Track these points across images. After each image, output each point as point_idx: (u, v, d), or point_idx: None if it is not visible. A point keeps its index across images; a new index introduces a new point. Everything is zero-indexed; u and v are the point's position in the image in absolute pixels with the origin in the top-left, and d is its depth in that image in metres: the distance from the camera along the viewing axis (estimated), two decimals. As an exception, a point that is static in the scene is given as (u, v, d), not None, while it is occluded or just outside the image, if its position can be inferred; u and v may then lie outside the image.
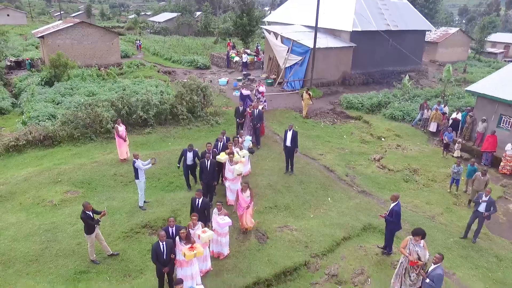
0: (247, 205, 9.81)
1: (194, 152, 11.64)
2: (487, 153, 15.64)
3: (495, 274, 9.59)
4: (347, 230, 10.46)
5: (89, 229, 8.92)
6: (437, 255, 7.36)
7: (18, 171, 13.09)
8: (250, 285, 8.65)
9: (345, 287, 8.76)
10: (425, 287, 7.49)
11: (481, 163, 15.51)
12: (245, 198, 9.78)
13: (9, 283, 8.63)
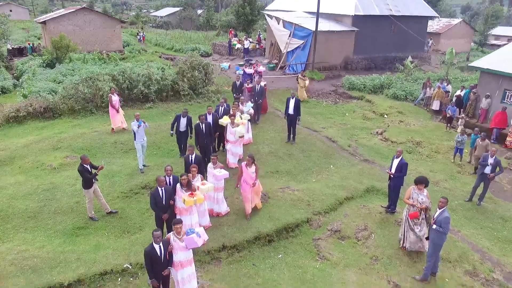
0: (253, 183, 8.81)
1: (188, 118, 11.31)
2: (497, 129, 15.21)
3: (501, 233, 9.43)
4: (350, 191, 10.32)
5: (86, 183, 8.81)
6: (442, 199, 7.22)
7: (18, 139, 13.01)
8: (251, 239, 8.53)
9: (348, 242, 8.62)
10: (433, 234, 7.33)
11: (491, 139, 15.15)
12: (250, 174, 8.78)
13: (8, 237, 8.55)
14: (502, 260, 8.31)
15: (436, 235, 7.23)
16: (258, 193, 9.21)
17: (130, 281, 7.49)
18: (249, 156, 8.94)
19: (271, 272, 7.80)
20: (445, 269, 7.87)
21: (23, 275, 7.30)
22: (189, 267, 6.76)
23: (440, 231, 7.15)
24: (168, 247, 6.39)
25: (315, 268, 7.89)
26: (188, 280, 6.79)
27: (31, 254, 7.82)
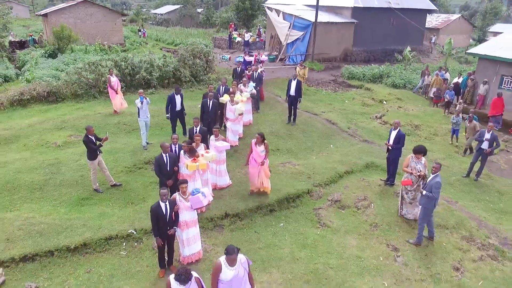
0: (262, 161, 8.64)
1: (181, 95, 11.47)
2: (495, 117, 15.29)
3: (497, 205, 9.64)
4: (350, 166, 10.52)
5: (91, 154, 8.98)
6: (436, 164, 7.42)
7: (23, 120, 13.19)
8: (253, 208, 8.72)
9: (348, 211, 8.82)
10: (423, 199, 7.52)
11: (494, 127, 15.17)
12: (259, 153, 8.62)
13: (15, 206, 8.73)
14: (497, 228, 8.50)
15: (427, 200, 7.43)
16: (267, 174, 8.88)
17: (135, 245, 7.68)
18: (259, 134, 8.78)
19: (273, 238, 7.99)
20: (443, 235, 8.06)
21: (31, 238, 7.48)
22: (194, 227, 6.95)
23: (429, 196, 7.34)
24: (174, 207, 6.55)
25: (316, 234, 8.08)
26: (193, 240, 6.97)
27: (38, 221, 8.00)
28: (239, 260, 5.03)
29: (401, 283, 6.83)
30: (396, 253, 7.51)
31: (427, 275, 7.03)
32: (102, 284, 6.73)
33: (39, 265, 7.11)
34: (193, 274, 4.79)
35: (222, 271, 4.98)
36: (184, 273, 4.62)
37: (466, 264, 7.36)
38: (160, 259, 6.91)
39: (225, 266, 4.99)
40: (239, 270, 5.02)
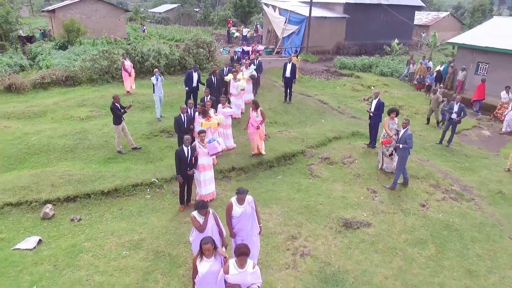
0: (257, 126, 10.03)
1: (198, 74, 13.10)
2: (478, 101, 16.82)
3: (463, 164, 11.28)
4: (338, 133, 12.14)
5: (117, 120, 10.48)
6: (405, 120, 9.03)
7: (46, 100, 14.66)
8: (255, 164, 10.29)
9: (336, 165, 10.41)
10: (399, 153, 9.11)
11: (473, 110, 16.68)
12: (255, 118, 10.05)
13: (52, 163, 10.23)
14: (460, 178, 10.14)
15: (402, 151, 9.02)
16: (261, 137, 10.38)
17: (157, 191, 9.22)
18: (253, 101, 10.39)
19: (272, 186, 9.55)
20: (414, 183, 9.66)
21: (70, 185, 8.98)
22: (209, 171, 8.46)
23: (405, 147, 8.94)
24: (194, 152, 8.06)
25: (308, 182, 9.66)
26: (209, 181, 8.49)
27: (74, 173, 9.51)
28: (247, 200, 6.10)
29: (377, 214, 8.42)
30: (374, 194, 9.11)
31: (398, 210, 8.63)
32: (133, 217, 8.25)
33: (79, 204, 8.63)
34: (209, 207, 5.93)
35: (233, 208, 6.08)
36: (202, 203, 5.87)
37: (431, 203, 8.97)
38: (181, 197, 8.44)
39: (235, 204, 6.06)
40: (247, 208, 6.08)
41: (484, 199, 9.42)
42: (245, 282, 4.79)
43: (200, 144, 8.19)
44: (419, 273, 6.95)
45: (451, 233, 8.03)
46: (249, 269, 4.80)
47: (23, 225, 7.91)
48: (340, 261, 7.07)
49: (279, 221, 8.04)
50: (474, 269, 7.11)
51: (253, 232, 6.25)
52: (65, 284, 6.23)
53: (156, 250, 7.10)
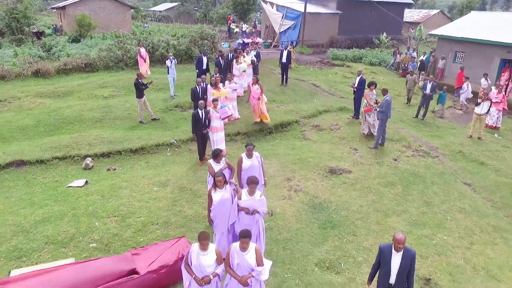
0: (258, 97, 11.86)
1: (207, 58, 15.02)
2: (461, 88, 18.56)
3: (434, 133, 13.24)
4: (327, 107, 14.09)
5: (140, 94, 12.35)
6: (383, 89, 10.95)
7: (70, 82, 16.52)
8: (257, 130, 12.23)
9: (325, 131, 12.36)
10: (379, 114, 11.03)
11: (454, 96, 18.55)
12: (255, 90, 11.86)
13: (84, 130, 12.09)
14: (429, 142, 12.10)
15: (381, 114, 10.95)
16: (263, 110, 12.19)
17: (175, 150, 11.12)
18: (253, 76, 12.45)
19: (272, 147, 11.47)
20: (390, 144, 11.60)
21: (104, 144, 10.86)
22: (221, 132, 10.29)
23: (383, 111, 10.87)
24: (208, 115, 9.91)
25: (301, 143, 11.60)
26: (220, 141, 10.31)
27: (105, 136, 11.37)
28: (255, 155, 7.33)
29: (357, 165, 10.35)
30: (355, 151, 11.05)
31: (374, 162, 10.56)
32: (158, 167, 10.14)
33: (112, 159, 10.51)
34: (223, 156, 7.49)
35: (243, 162, 7.27)
36: (217, 151, 7.30)
37: (402, 158, 10.91)
38: (200, 153, 10.23)
39: (245, 158, 7.30)
40: (254, 161, 7.27)
41: (446, 156, 11.38)
42: (253, 207, 6.05)
43: (214, 109, 10.05)
44: (388, 203, 8.87)
45: (416, 178, 9.96)
46: (257, 197, 6.08)
47: (70, 173, 9.79)
48: (325, 195, 8.98)
49: (277, 168, 9.96)
50: (430, 201, 9.05)
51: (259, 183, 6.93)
52: (112, 206, 8.11)
53: (180, 186, 9.00)
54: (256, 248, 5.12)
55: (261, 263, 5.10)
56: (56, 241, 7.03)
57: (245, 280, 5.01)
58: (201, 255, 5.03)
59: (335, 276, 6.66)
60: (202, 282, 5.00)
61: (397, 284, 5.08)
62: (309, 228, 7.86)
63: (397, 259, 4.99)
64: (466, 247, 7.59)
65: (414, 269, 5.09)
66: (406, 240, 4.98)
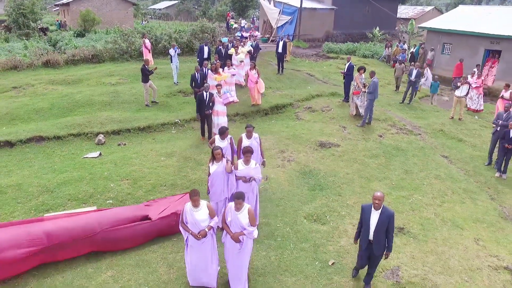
0: (256, 80, 13.05)
1: (208, 48, 16.05)
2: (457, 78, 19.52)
3: (418, 115, 14.25)
4: (320, 92, 15.12)
5: (145, 78, 13.34)
6: (371, 72, 11.97)
7: (79, 72, 17.53)
8: (254, 111, 13.26)
9: (316, 112, 13.38)
10: (368, 97, 12.04)
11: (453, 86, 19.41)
12: (253, 75, 13.10)
13: (95, 113, 13.08)
14: (413, 122, 13.13)
15: (370, 95, 11.97)
16: (260, 91, 13.41)
17: (180, 128, 12.15)
18: (251, 62, 13.51)
19: (268, 126, 12.50)
20: (376, 124, 12.62)
21: (114, 123, 11.88)
22: (222, 116, 11.12)
23: (371, 92, 11.89)
24: (212, 97, 10.79)
25: (295, 123, 12.63)
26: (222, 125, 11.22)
27: (115, 116, 12.39)
28: (254, 136, 7.72)
29: (345, 140, 11.37)
30: (344, 128, 12.08)
31: (361, 138, 11.59)
32: (164, 142, 11.15)
33: (122, 136, 11.53)
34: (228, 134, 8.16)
35: (242, 141, 7.66)
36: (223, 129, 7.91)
37: (387, 135, 11.94)
38: (202, 130, 11.20)
39: (244, 138, 7.68)
40: (253, 142, 7.64)
41: (428, 134, 12.41)
42: (249, 174, 6.60)
43: (217, 94, 10.96)
44: (371, 171, 9.90)
45: (398, 152, 10.99)
46: (252, 165, 6.66)
47: (84, 147, 10.81)
48: (315, 165, 10.01)
49: (272, 142, 10.98)
50: (410, 170, 10.08)
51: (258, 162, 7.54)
52: (125, 172, 9.12)
53: (185, 156, 10.02)
54: (249, 209, 5.47)
55: (253, 224, 5.44)
56: (77, 198, 8.05)
57: (237, 236, 5.39)
58: (194, 212, 5.46)
59: (321, 226, 7.68)
60: (199, 236, 5.43)
61: (375, 240, 5.52)
62: (299, 190, 8.89)
63: (375, 216, 5.43)
64: (437, 205, 8.63)
65: (392, 228, 5.49)
66: (383, 197, 5.41)
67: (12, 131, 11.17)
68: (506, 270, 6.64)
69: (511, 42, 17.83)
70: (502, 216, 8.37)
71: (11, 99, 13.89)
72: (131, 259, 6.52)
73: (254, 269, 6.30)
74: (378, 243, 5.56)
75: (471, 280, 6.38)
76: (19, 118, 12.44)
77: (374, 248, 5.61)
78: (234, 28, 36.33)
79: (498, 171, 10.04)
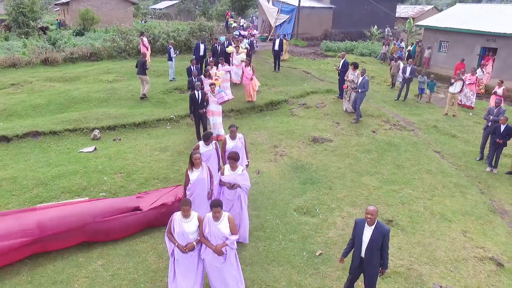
0: (251, 77, 13.18)
1: (205, 45, 16.17)
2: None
3: (413, 112, 14.35)
4: (315, 89, 15.21)
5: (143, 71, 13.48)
6: (362, 69, 12.06)
7: (77, 69, 17.67)
8: (249, 107, 13.37)
9: (311, 109, 13.49)
10: (358, 96, 12.15)
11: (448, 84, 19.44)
12: (248, 71, 13.22)
13: (91, 109, 13.21)
14: (406, 117, 13.22)
15: (359, 94, 12.07)
16: (254, 88, 13.65)
17: (175, 124, 12.26)
18: (246, 59, 13.62)
19: (262, 122, 12.60)
20: (370, 119, 12.72)
21: (110, 119, 11.99)
22: (217, 117, 11.01)
23: (362, 90, 11.98)
24: (205, 96, 10.78)
25: (289, 119, 12.73)
26: (218, 126, 10.98)
27: (111, 112, 12.50)
28: (238, 136, 7.47)
29: (338, 135, 11.47)
30: (337, 124, 12.18)
31: (354, 133, 11.69)
32: (159, 138, 11.26)
33: (118, 131, 11.64)
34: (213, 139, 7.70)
35: (227, 143, 7.44)
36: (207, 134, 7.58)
37: (380, 131, 12.03)
38: (197, 133, 11.12)
39: (228, 139, 7.47)
40: (237, 143, 7.45)
41: (421, 130, 12.50)
42: (235, 181, 6.24)
43: (211, 93, 10.97)
44: (363, 166, 9.99)
45: (391, 147, 11.08)
46: (238, 172, 6.31)
47: (80, 142, 10.91)
48: (307, 159, 10.11)
49: (265, 138, 11.10)
50: (401, 164, 10.17)
51: (242, 164, 7.20)
52: (118, 166, 9.24)
53: (178, 151, 10.14)
54: (229, 217, 5.15)
55: (235, 232, 5.13)
56: (71, 191, 8.17)
57: (219, 249, 5.03)
58: (184, 222, 5.08)
59: (310, 218, 7.78)
60: (185, 249, 5.04)
61: (367, 257, 5.11)
62: (291, 184, 8.99)
63: (368, 233, 5.02)
64: (427, 198, 8.71)
65: (387, 245, 5.08)
66: (376, 212, 5.00)
67: (9, 126, 11.30)
68: (491, 260, 6.73)
69: (507, 40, 17.88)
70: (491, 210, 8.45)
71: (8, 96, 14.03)
72: (122, 249, 6.64)
73: (242, 259, 6.40)
74: (370, 261, 5.12)
75: (456, 270, 6.47)
76: (17, 114, 12.56)
77: (366, 266, 5.19)
78: (233, 27, 36.46)
79: (489, 166, 10.13)
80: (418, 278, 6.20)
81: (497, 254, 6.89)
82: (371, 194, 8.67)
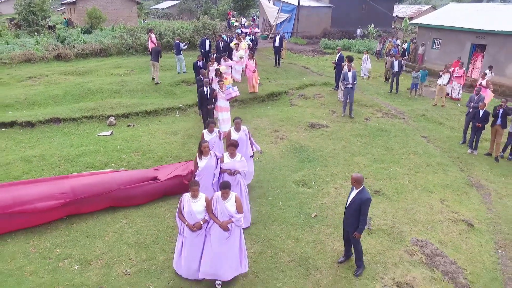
0: (254, 70, 14.52)
1: (210, 41, 17.23)
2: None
3: (405, 103, 15.36)
4: (313, 82, 16.24)
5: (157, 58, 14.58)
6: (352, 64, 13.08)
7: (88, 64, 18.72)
8: (251, 98, 14.39)
9: (309, 99, 14.52)
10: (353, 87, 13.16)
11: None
12: (251, 64, 14.46)
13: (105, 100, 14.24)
14: (398, 107, 14.25)
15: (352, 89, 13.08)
16: (256, 80, 14.76)
17: (183, 113, 13.29)
18: (250, 52, 14.67)
19: (263, 111, 13.63)
20: (363, 109, 13.74)
21: (124, 107, 13.02)
22: (225, 112, 11.84)
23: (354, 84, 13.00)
24: (213, 92, 11.69)
25: (289, 108, 13.76)
26: (226, 121, 11.76)
27: (124, 102, 13.54)
28: (243, 128, 7.78)
29: (334, 122, 12.49)
30: (333, 112, 13.21)
31: (348, 120, 12.72)
32: (169, 124, 12.29)
33: (131, 118, 12.68)
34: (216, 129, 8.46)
35: (231, 135, 7.72)
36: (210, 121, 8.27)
37: (372, 118, 13.06)
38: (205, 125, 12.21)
39: (233, 131, 7.80)
40: (242, 135, 7.74)
41: (411, 118, 13.52)
42: (234, 167, 6.59)
43: (220, 90, 11.87)
44: (356, 148, 11.01)
45: (382, 132, 12.10)
46: (237, 159, 6.64)
47: (97, 128, 11.95)
48: (305, 142, 11.13)
49: (267, 123, 12.13)
50: (391, 147, 11.19)
51: (247, 155, 7.70)
52: (135, 146, 10.26)
53: (188, 134, 11.17)
54: (236, 197, 5.54)
55: (241, 211, 5.53)
56: (94, 166, 9.19)
57: (225, 225, 5.40)
58: (192, 202, 5.47)
59: (307, 189, 8.80)
60: (193, 227, 5.46)
61: (346, 215, 6.02)
62: (290, 162, 10.01)
63: (352, 195, 5.87)
64: (412, 174, 9.74)
65: (365, 212, 5.73)
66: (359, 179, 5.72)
67: (32, 113, 12.33)
68: (463, 222, 7.75)
69: (495, 37, 18.88)
70: (468, 184, 9.48)
71: (27, 88, 15.06)
72: (143, 211, 7.65)
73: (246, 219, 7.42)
74: (347, 218, 5.99)
75: (432, 229, 7.49)
76: (37, 103, 13.59)
77: (345, 222, 6.11)
78: (235, 26, 37.52)
79: (470, 148, 11.15)
80: (398, 234, 7.22)
81: (469, 218, 7.91)
82: (362, 170, 9.69)
